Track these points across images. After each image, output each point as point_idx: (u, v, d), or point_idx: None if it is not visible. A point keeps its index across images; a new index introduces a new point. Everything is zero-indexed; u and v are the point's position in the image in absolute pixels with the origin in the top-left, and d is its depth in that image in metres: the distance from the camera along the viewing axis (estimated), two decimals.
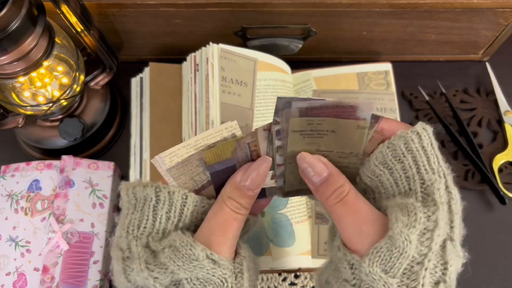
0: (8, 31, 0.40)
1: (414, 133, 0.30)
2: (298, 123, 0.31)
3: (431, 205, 0.29)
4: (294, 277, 0.55)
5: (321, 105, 0.30)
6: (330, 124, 0.31)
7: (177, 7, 0.52)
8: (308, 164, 0.32)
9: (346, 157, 0.32)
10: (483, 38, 0.60)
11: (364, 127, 0.31)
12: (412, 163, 0.30)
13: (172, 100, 0.55)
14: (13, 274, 0.49)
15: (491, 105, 0.62)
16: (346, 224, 0.30)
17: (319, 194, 0.32)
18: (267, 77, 0.55)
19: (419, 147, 0.30)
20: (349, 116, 0.30)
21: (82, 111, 0.57)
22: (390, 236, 0.27)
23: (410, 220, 0.28)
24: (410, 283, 0.27)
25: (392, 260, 0.27)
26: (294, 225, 0.52)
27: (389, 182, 0.31)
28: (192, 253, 0.29)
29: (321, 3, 0.52)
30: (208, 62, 0.50)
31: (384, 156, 0.31)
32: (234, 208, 0.32)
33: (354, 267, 0.29)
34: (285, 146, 0.32)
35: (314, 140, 0.32)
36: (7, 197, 0.52)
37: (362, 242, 0.29)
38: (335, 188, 0.30)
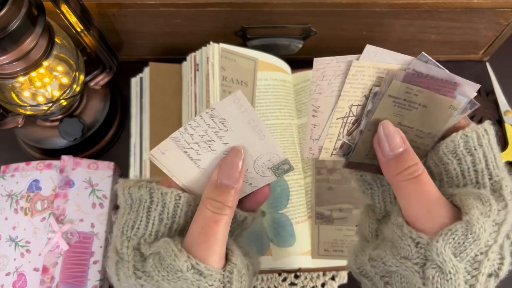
0: (8, 31, 0.40)
1: (484, 129, 0.31)
2: (397, 87, 0.30)
3: (500, 200, 0.29)
4: (294, 277, 0.55)
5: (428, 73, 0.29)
6: (425, 97, 0.30)
7: (177, 7, 0.52)
8: (386, 134, 0.31)
9: (422, 136, 0.32)
10: (483, 38, 0.60)
11: (455, 108, 0.30)
12: (482, 157, 0.30)
13: (172, 100, 0.55)
14: (13, 274, 0.49)
15: (491, 105, 0.62)
16: (415, 202, 0.29)
17: (389, 168, 0.31)
18: (268, 77, 0.55)
19: (488, 143, 0.31)
20: (448, 92, 0.30)
21: (82, 111, 0.57)
22: (467, 220, 0.27)
23: (485, 209, 0.28)
24: (472, 271, 0.28)
25: (465, 244, 0.27)
26: (295, 225, 0.52)
27: (456, 172, 0.31)
28: (176, 264, 0.28)
29: (321, 3, 0.52)
30: (209, 62, 0.50)
31: (456, 146, 0.31)
32: (214, 209, 0.30)
33: (420, 246, 0.28)
34: (374, 110, 0.31)
35: (401, 112, 0.31)
36: (7, 197, 0.52)
37: (431, 223, 0.28)
38: (410, 165, 0.30)
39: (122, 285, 0.30)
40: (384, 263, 0.31)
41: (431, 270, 0.28)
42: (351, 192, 0.54)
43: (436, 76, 0.30)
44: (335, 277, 0.55)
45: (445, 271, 0.27)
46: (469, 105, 0.31)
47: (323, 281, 0.55)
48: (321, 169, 0.55)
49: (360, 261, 0.33)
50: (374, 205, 0.35)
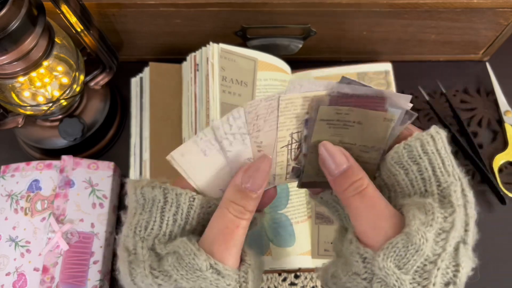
0: (8, 31, 0.40)
1: (429, 136, 0.31)
2: (326, 111, 0.31)
3: (447, 206, 0.29)
4: (294, 277, 0.55)
5: (353, 93, 0.30)
6: (357, 115, 0.31)
7: (177, 7, 0.52)
8: (329, 153, 0.31)
9: (367, 151, 0.32)
10: (483, 38, 0.60)
11: (390, 119, 0.31)
12: (428, 165, 0.30)
13: (172, 100, 0.55)
14: (13, 274, 0.49)
15: (491, 105, 0.62)
16: (362, 217, 0.29)
17: (337, 185, 0.31)
18: (267, 77, 0.55)
19: (434, 149, 0.30)
20: (378, 107, 0.30)
21: (82, 111, 0.57)
22: (407, 232, 0.27)
23: (427, 218, 0.28)
24: (422, 281, 0.28)
25: (407, 256, 0.27)
26: (294, 225, 0.52)
27: (405, 182, 0.31)
28: (195, 263, 0.29)
29: (321, 3, 0.52)
30: (208, 62, 0.50)
31: (400, 156, 0.31)
32: (236, 213, 0.30)
33: (367, 261, 0.29)
34: (310, 135, 0.32)
35: (339, 131, 0.32)
36: (7, 197, 0.52)
37: (377, 237, 0.29)
38: (354, 181, 0.30)
39: (138, 284, 0.30)
40: (340, 279, 0.31)
41: (376, 284, 0.28)
42: None
43: (362, 93, 0.30)
44: None
45: (389, 284, 0.27)
46: (407, 116, 0.31)
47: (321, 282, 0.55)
48: None
49: (324, 278, 0.34)
50: (343, 224, 0.35)
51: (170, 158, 0.31)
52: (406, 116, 0.31)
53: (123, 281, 0.31)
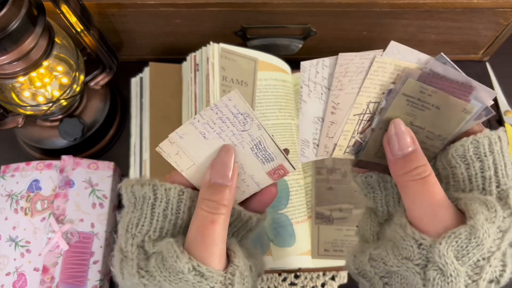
0: (8, 31, 0.40)
1: (497, 136, 0.31)
2: (412, 86, 0.30)
3: (505, 208, 0.29)
4: (294, 277, 0.55)
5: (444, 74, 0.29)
6: (439, 98, 0.30)
7: (177, 7, 0.52)
8: (396, 133, 0.31)
9: (432, 138, 0.32)
10: (483, 38, 0.60)
11: (468, 112, 0.30)
12: (491, 164, 0.30)
13: (172, 100, 0.55)
14: (13, 274, 0.49)
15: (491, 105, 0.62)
16: (420, 203, 0.29)
17: (397, 167, 0.31)
18: (268, 77, 0.55)
19: (499, 150, 0.30)
20: (462, 95, 0.30)
21: (82, 111, 0.57)
22: (471, 225, 0.27)
23: (490, 215, 0.28)
24: (473, 275, 0.28)
25: (468, 248, 0.27)
26: (294, 225, 0.52)
27: (463, 177, 0.31)
28: (177, 265, 0.28)
29: (321, 3, 0.52)
30: (209, 62, 0.50)
31: (465, 150, 0.30)
32: (209, 209, 0.30)
33: (422, 247, 0.28)
34: (387, 108, 0.31)
35: (414, 111, 0.31)
36: (7, 197, 0.52)
37: (435, 225, 0.28)
38: (418, 166, 0.30)
39: (126, 283, 0.30)
40: (384, 263, 0.30)
41: (432, 272, 0.28)
42: (351, 192, 0.54)
43: (453, 78, 0.30)
44: (335, 277, 0.55)
45: (446, 273, 0.27)
46: (484, 112, 0.31)
47: (323, 281, 0.55)
48: (321, 169, 0.55)
49: (359, 261, 0.33)
50: (376, 208, 0.35)
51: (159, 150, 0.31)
52: (483, 112, 0.31)
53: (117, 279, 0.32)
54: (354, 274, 0.34)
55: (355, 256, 0.34)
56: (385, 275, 0.31)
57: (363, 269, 0.33)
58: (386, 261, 0.30)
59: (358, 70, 0.29)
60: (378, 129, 0.32)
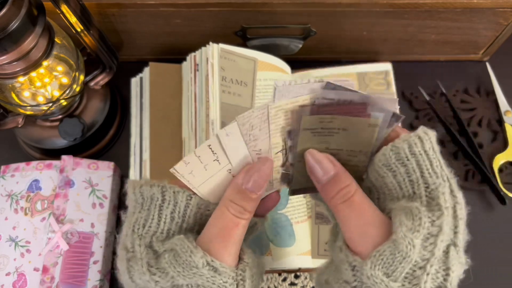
0: (8, 31, 0.40)
1: (417, 137, 0.30)
2: (309, 121, 0.31)
3: (435, 209, 0.28)
4: (294, 277, 0.55)
5: (333, 102, 0.30)
6: (341, 122, 0.31)
7: (177, 7, 0.52)
8: (315, 161, 0.31)
9: (355, 155, 0.32)
10: (483, 38, 0.60)
11: (375, 125, 0.30)
12: (416, 166, 0.30)
13: (172, 100, 0.55)
14: (13, 274, 0.49)
15: (491, 105, 0.62)
16: (350, 225, 0.29)
17: (324, 193, 0.31)
18: (267, 77, 0.55)
19: (421, 150, 0.30)
20: (360, 113, 0.30)
21: (82, 111, 0.57)
22: (393, 239, 0.27)
23: (414, 224, 0.27)
24: (411, 287, 0.27)
25: (395, 264, 0.27)
26: (294, 225, 0.52)
27: (393, 185, 0.30)
28: (191, 260, 0.29)
29: (321, 3, 0.52)
30: (208, 62, 0.50)
31: (388, 158, 0.30)
32: (236, 212, 0.31)
33: (356, 269, 0.28)
34: (295, 145, 0.32)
35: (324, 139, 0.31)
36: (7, 197, 0.52)
37: (366, 245, 0.28)
38: (341, 188, 0.30)
39: (136, 281, 0.30)
40: (332, 286, 0.31)
41: None
42: None
43: (347, 99, 0.30)
44: None
45: None
46: (394, 118, 0.30)
47: None
48: None
49: (319, 283, 0.34)
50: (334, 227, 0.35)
51: (173, 171, 0.31)
52: (393, 119, 0.30)
53: (122, 279, 0.31)
54: None
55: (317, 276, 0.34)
56: None
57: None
58: (333, 285, 0.31)
59: (261, 120, 0.30)
60: (297, 162, 0.33)
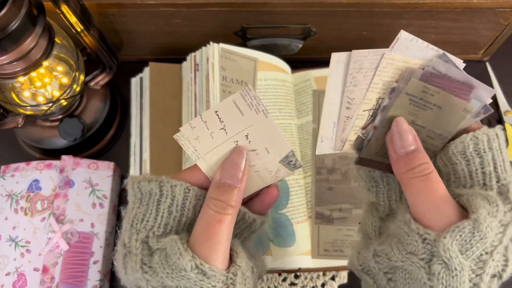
0: (8, 31, 0.40)
1: (495, 133, 0.31)
2: (415, 85, 0.30)
3: (506, 203, 0.29)
4: (294, 277, 0.55)
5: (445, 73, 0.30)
6: (440, 98, 0.31)
7: (177, 7, 0.52)
8: (399, 131, 0.31)
9: (433, 137, 0.32)
10: (483, 38, 0.60)
11: (469, 111, 0.31)
12: (491, 160, 0.31)
13: (172, 100, 0.55)
14: (13, 274, 0.49)
15: (491, 105, 0.62)
16: (423, 199, 0.30)
17: (400, 165, 0.31)
18: (267, 77, 0.55)
19: (498, 146, 0.31)
20: (463, 94, 0.30)
21: (82, 111, 0.57)
22: (475, 219, 0.28)
23: (492, 209, 0.28)
24: (476, 269, 0.28)
25: (471, 242, 0.28)
26: (294, 225, 0.52)
27: (463, 173, 0.31)
28: (180, 263, 0.29)
29: (321, 3, 0.52)
30: (209, 62, 0.50)
31: (465, 147, 0.31)
32: (217, 208, 0.30)
33: (427, 242, 0.29)
34: (390, 107, 0.31)
35: (416, 111, 0.31)
36: (7, 197, 0.52)
37: (439, 220, 0.29)
38: (420, 163, 0.30)
39: (129, 278, 0.31)
40: (389, 258, 0.31)
41: (437, 265, 0.28)
42: (351, 192, 0.54)
43: (454, 77, 0.30)
44: (335, 277, 0.55)
45: (451, 267, 0.28)
46: (483, 110, 0.31)
47: (323, 281, 0.55)
48: (321, 169, 0.55)
49: (363, 257, 0.33)
50: (378, 203, 0.35)
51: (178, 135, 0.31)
52: (482, 110, 0.31)
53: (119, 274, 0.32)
54: (357, 271, 0.34)
55: (359, 252, 0.34)
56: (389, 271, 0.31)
57: (367, 265, 0.33)
58: (391, 257, 0.31)
59: (371, 66, 0.30)
60: (381, 127, 0.32)
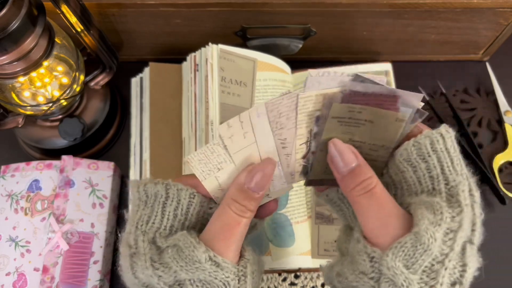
0: (8, 31, 0.40)
1: (439, 134, 0.30)
2: (339, 109, 0.30)
3: (455, 206, 0.29)
4: (294, 277, 0.55)
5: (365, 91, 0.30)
6: (369, 114, 0.31)
7: (177, 7, 0.52)
8: (338, 151, 0.31)
9: (376, 149, 0.32)
10: (483, 38, 0.60)
11: (402, 120, 0.31)
12: (436, 163, 0.30)
13: (172, 100, 0.55)
14: (13, 274, 0.49)
15: (491, 105, 0.62)
16: (370, 216, 0.29)
17: (345, 184, 0.31)
18: (267, 77, 0.55)
19: (443, 148, 0.30)
20: (390, 106, 0.30)
21: (82, 111, 0.57)
22: (415, 232, 0.27)
23: (436, 218, 0.28)
24: (429, 281, 0.28)
25: (415, 256, 0.27)
26: (294, 225, 0.52)
27: (412, 180, 0.31)
28: (194, 255, 0.29)
29: (321, 3, 0.52)
30: (208, 63, 0.50)
31: (409, 153, 0.31)
32: (238, 211, 0.31)
33: (374, 260, 0.29)
34: (321, 132, 0.32)
35: (349, 129, 0.32)
36: (7, 197, 0.52)
37: (385, 236, 0.29)
38: (363, 180, 0.30)
39: (139, 277, 0.31)
40: (346, 278, 0.31)
41: (384, 284, 0.28)
42: None
43: (376, 92, 0.30)
44: None
45: (397, 284, 0.27)
46: (418, 114, 0.31)
47: (323, 281, 0.55)
48: None
49: (329, 277, 0.34)
50: (349, 223, 0.35)
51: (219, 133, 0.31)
52: (417, 115, 0.31)
53: (125, 276, 0.32)
54: None
55: (326, 271, 0.34)
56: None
57: (333, 285, 0.33)
58: (347, 277, 0.31)
59: (290, 108, 0.31)
60: (319, 151, 0.33)
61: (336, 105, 0.30)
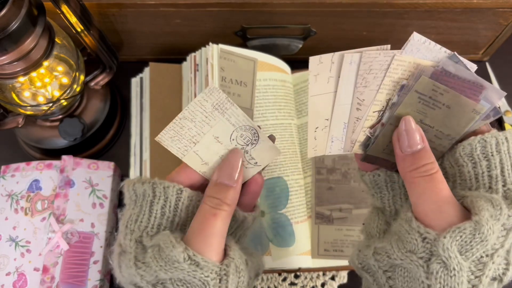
0: (8, 31, 0.40)
1: (505, 137, 0.31)
2: (425, 83, 0.30)
3: (510, 207, 0.29)
4: (294, 277, 0.55)
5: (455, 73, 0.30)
6: (450, 98, 0.31)
7: (177, 7, 0.52)
8: (406, 130, 0.31)
9: (440, 138, 0.32)
10: (483, 38, 0.60)
11: (478, 112, 0.30)
12: (498, 163, 0.31)
13: (172, 100, 0.55)
14: (13, 274, 0.49)
15: None
16: (426, 199, 0.30)
17: (405, 163, 0.31)
18: (267, 77, 0.55)
19: (507, 150, 0.31)
20: (472, 95, 0.30)
21: (82, 111, 0.57)
22: (476, 221, 0.28)
23: (495, 212, 0.28)
24: (476, 271, 0.28)
25: (471, 244, 0.28)
26: (294, 225, 0.52)
27: (470, 175, 0.31)
28: (173, 255, 0.29)
29: (321, 3, 0.52)
30: (208, 63, 0.50)
31: (473, 149, 0.31)
32: (213, 204, 0.32)
33: (426, 241, 0.29)
34: (398, 104, 0.31)
35: (425, 109, 0.31)
36: (7, 197, 0.52)
37: (441, 220, 0.29)
38: (425, 163, 0.30)
39: (124, 275, 0.31)
40: (388, 256, 0.31)
41: (435, 265, 0.28)
42: (351, 192, 0.54)
43: (464, 77, 0.30)
44: (335, 277, 0.55)
45: (449, 267, 0.28)
46: (492, 112, 0.31)
47: (323, 281, 0.55)
48: (321, 169, 0.55)
49: (363, 255, 0.33)
50: (384, 208, 0.35)
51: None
52: (491, 113, 0.31)
53: (115, 274, 0.33)
54: (357, 268, 0.34)
55: (359, 250, 0.34)
56: (389, 269, 0.32)
57: (367, 263, 0.33)
58: (390, 254, 0.31)
59: (381, 67, 0.30)
60: (388, 125, 0.32)
61: (424, 79, 0.30)
